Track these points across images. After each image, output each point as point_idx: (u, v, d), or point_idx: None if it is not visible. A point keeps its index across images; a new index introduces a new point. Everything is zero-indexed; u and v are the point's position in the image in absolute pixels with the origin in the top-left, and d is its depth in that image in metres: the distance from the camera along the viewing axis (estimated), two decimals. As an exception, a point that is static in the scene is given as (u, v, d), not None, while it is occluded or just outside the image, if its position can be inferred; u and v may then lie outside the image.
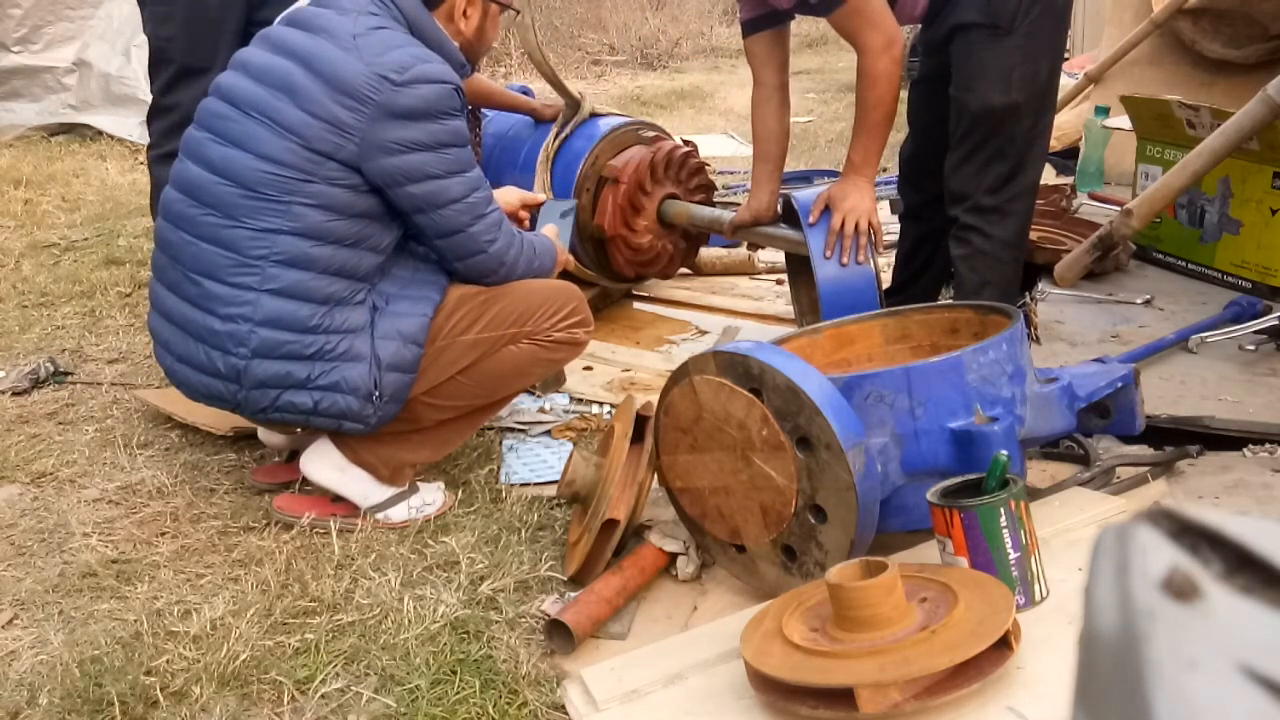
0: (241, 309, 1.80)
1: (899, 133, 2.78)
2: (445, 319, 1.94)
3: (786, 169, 2.83)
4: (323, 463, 1.99)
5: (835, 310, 2.33)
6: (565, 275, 3.13)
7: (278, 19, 1.99)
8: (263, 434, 2.18)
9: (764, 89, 2.61)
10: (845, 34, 2.35)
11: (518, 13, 2.30)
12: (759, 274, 3.60)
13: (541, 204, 2.42)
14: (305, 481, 2.10)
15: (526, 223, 2.37)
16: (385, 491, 2.00)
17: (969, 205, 2.43)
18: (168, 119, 2.81)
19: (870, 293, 2.39)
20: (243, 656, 1.57)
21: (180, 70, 2.75)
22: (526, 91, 3.35)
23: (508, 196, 2.31)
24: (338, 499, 2.02)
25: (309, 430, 1.99)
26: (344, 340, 1.84)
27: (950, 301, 2.64)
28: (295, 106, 1.80)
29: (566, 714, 1.47)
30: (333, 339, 1.83)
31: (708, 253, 3.48)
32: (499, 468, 2.23)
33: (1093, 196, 3.91)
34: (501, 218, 1.97)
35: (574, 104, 3.09)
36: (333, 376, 1.83)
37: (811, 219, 2.44)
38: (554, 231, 2.27)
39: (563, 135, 3.05)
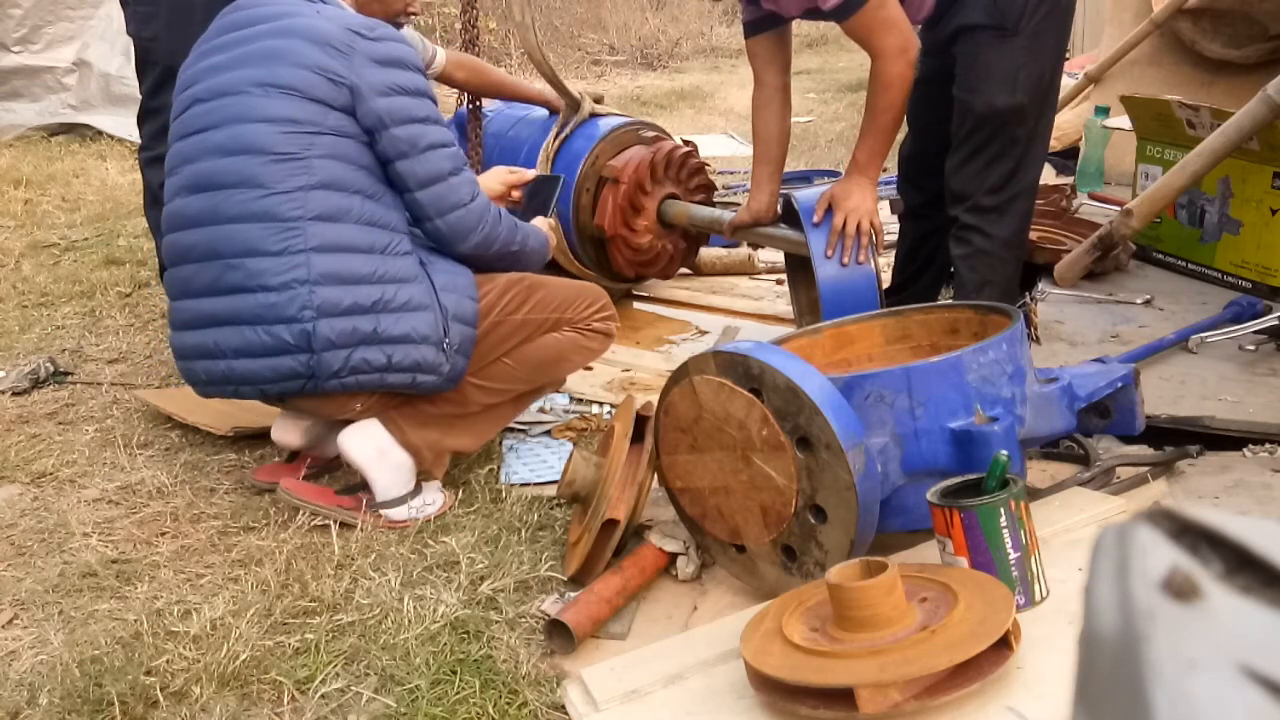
0: (295, 273, 1.82)
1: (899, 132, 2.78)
2: (498, 297, 2.03)
3: (786, 169, 2.83)
4: (365, 440, 1.98)
5: (835, 310, 2.33)
6: (564, 275, 3.14)
7: (212, 24, 2.02)
8: (276, 433, 2.16)
9: (766, 90, 2.61)
10: (860, 38, 2.33)
11: None
12: (759, 274, 3.60)
13: (528, 181, 2.41)
14: (308, 479, 2.11)
15: (520, 202, 2.39)
16: (406, 486, 2.00)
17: (970, 205, 2.43)
18: (157, 121, 2.80)
19: (870, 293, 2.39)
20: (243, 656, 1.57)
21: (165, 71, 2.74)
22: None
23: (490, 182, 2.34)
24: (342, 492, 2.03)
25: (376, 396, 1.96)
26: (401, 289, 1.88)
27: (950, 301, 2.64)
28: (286, 65, 1.86)
29: (566, 714, 1.47)
30: (389, 289, 1.87)
31: (708, 253, 3.48)
32: (499, 468, 2.23)
33: (1093, 196, 3.91)
34: (475, 179, 2.04)
35: (574, 104, 3.09)
36: (401, 327, 1.88)
37: (815, 219, 2.44)
38: (545, 224, 2.28)
39: (563, 135, 3.05)
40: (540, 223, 2.27)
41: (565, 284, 2.16)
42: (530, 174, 2.41)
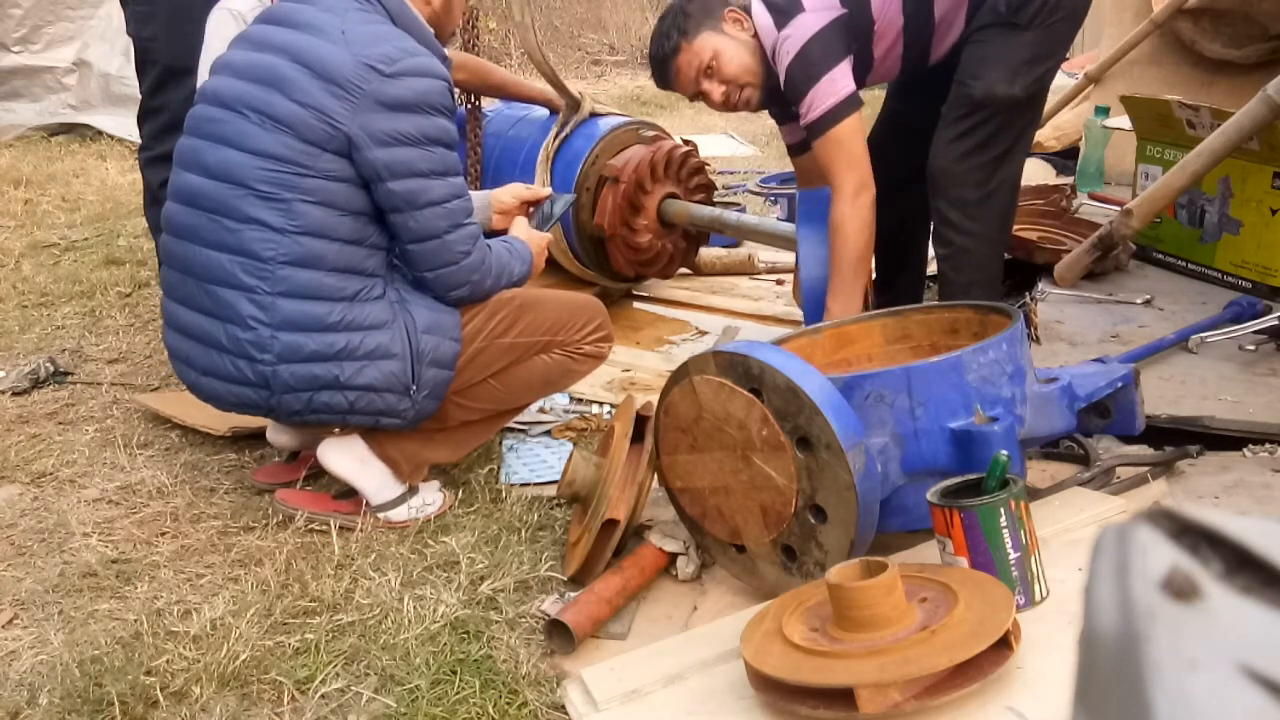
0: (259, 313, 1.79)
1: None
2: (486, 320, 1.96)
3: (783, 170, 2.82)
4: (343, 453, 1.98)
5: (819, 313, 2.32)
6: (563, 274, 3.14)
7: (254, 18, 1.99)
8: (271, 434, 2.17)
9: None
10: (824, 164, 2.29)
11: None
12: (759, 274, 3.60)
13: (543, 199, 2.36)
14: (308, 479, 2.10)
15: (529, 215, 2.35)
16: (396, 489, 2.00)
17: (951, 198, 2.38)
18: (157, 120, 2.80)
19: None
20: (243, 656, 1.57)
21: (165, 71, 2.74)
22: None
23: (504, 196, 2.29)
24: (339, 496, 2.02)
25: (345, 430, 1.98)
26: (368, 337, 1.83)
27: (950, 302, 2.63)
28: (285, 98, 1.78)
29: (566, 714, 1.47)
30: (355, 337, 1.82)
31: (708, 253, 3.48)
32: (499, 468, 2.23)
33: (1093, 196, 3.91)
34: (478, 232, 1.93)
35: (574, 103, 3.09)
36: (364, 377, 1.83)
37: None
38: (524, 229, 2.18)
39: (563, 135, 3.05)
40: (535, 236, 2.17)
41: (560, 303, 2.08)
42: (545, 192, 2.36)
